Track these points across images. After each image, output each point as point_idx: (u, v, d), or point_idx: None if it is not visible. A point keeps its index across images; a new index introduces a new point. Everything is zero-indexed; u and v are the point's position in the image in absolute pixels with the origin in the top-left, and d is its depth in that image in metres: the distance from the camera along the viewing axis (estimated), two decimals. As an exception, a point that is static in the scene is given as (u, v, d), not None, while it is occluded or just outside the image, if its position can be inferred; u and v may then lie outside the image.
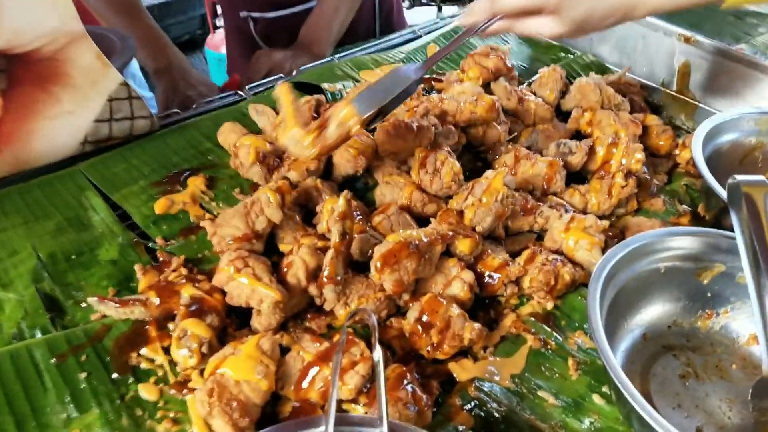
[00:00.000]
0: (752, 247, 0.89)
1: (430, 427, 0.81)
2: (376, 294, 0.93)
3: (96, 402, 0.81)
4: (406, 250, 0.93)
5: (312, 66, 1.51)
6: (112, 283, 0.98)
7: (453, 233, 1.00)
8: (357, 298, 0.93)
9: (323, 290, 0.91)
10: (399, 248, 0.93)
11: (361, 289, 0.94)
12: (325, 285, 0.90)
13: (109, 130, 1.17)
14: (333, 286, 0.90)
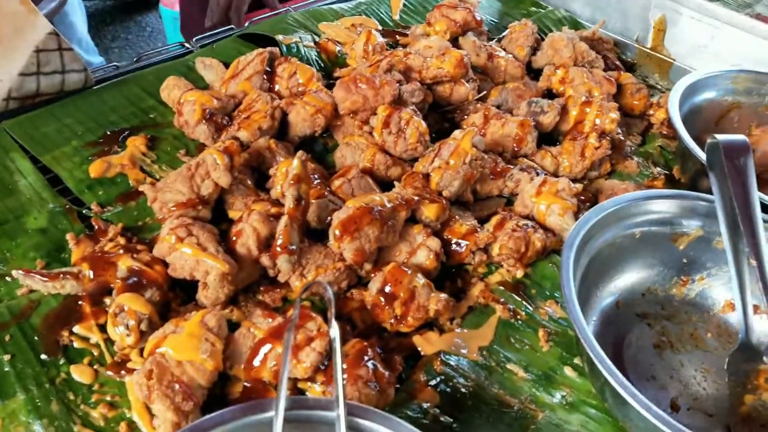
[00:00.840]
0: (731, 211, 0.86)
1: (392, 406, 0.76)
2: (336, 264, 0.87)
3: (21, 387, 0.76)
4: (367, 217, 0.87)
5: (266, 16, 1.40)
6: (40, 255, 0.91)
7: (418, 198, 0.94)
8: (314, 268, 0.87)
9: (277, 261, 0.85)
10: (360, 214, 0.86)
11: (318, 258, 0.88)
12: (279, 255, 0.85)
13: (37, 85, 1.07)
14: (287, 256, 0.84)
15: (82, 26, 2.18)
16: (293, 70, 1.14)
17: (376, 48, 1.24)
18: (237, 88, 1.12)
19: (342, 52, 1.32)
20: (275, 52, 1.19)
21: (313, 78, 1.13)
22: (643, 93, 1.29)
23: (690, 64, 1.41)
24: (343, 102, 1.06)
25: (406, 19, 1.48)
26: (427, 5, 1.50)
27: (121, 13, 4.78)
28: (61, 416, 0.73)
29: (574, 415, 0.79)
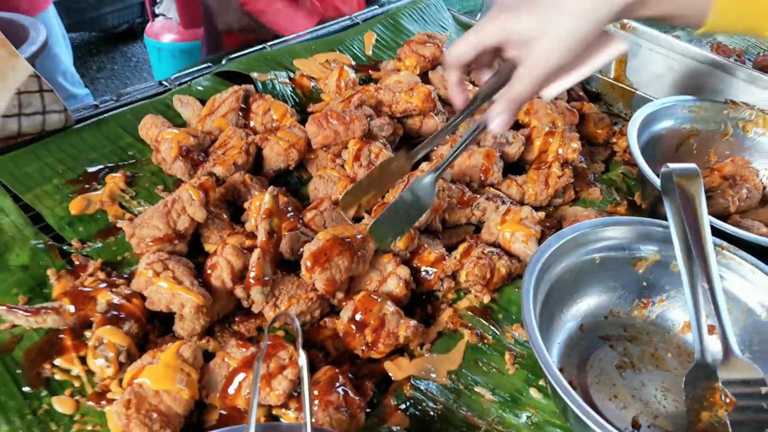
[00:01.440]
0: (684, 236, 0.89)
1: (363, 430, 0.79)
2: (308, 294, 0.90)
3: (5, 419, 0.77)
4: (337, 247, 0.90)
5: (242, 54, 1.45)
6: (22, 291, 0.92)
7: None
8: (287, 298, 0.90)
9: (251, 292, 0.87)
10: (330, 246, 0.90)
11: (291, 289, 0.90)
12: (253, 287, 0.87)
13: (19, 126, 1.09)
14: (261, 288, 0.87)
15: (67, 58, 2.19)
16: (267, 107, 1.18)
17: (348, 83, 1.29)
18: (213, 125, 1.16)
19: (316, 87, 1.36)
20: (250, 89, 1.23)
21: (287, 114, 1.17)
22: (606, 122, 1.34)
23: (651, 93, 1.47)
24: (316, 137, 1.10)
25: (379, 54, 1.53)
26: (399, 41, 1.55)
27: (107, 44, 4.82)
28: (42, 447, 0.74)
29: (540, 435, 0.81)
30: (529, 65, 0.79)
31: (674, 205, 0.91)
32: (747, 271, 0.93)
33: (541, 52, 0.77)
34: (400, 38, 1.55)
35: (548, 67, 0.78)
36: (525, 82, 0.80)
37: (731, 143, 1.29)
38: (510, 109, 0.84)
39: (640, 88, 1.50)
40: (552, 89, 0.83)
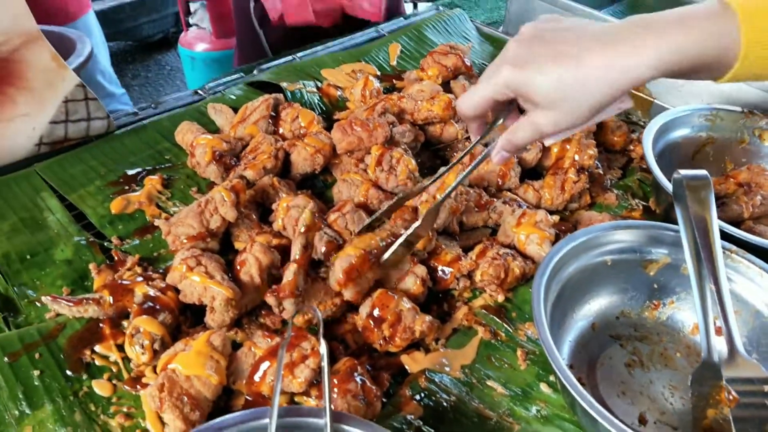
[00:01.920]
0: (694, 239, 0.92)
1: (379, 418, 0.83)
2: (333, 300, 0.95)
3: (49, 399, 0.82)
4: (367, 263, 0.94)
5: (273, 65, 1.52)
6: (66, 283, 0.99)
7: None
8: (316, 304, 0.94)
9: (284, 303, 0.91)
10: (360, 262, 0.94)
11: (319, 296, 0.94)
12: (286, 299, 0.90)
13: (65, 132, 1.18)
14: (294, 300, 0.90)
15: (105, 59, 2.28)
16: (295, 115, 1.24)
17: (372, 92, 1.34)
18: (245, 132, 1.22)
19: (342, 96, 1.42)
20: (280, 98, 1.29)
21: (314, 121, 1.23)
22: (623, 130, 1.37)
23: (669, 102, 1.49)
24: (340, 143, 1.16)
25: (403, 65, 1.58)
26: (423, 51, 1.60)
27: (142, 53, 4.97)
28: (83, 425, 0.79)
29: (549, 428, 0.84)
30: (535, 123, 0.76)
31: (684, 209, 0.94)
32: (755, 275, 0.95)
33: (549, 119, 0.74)
34: (424, 49, 1.60)
35: (552, 130, 0.76)
36: (528, 133, 0.78)
37: (747, 151, 1.31)
38: (510, 150, 0.84)
39: (659, 97, 1.52)
40: (553, 138, 0.81)
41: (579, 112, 0.72)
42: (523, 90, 0.74)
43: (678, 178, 0.97)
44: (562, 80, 0.70)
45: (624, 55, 0.69)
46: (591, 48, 0.70)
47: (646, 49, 0.68)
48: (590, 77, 0.70)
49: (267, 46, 1.90)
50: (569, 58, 0.70)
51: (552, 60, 0.71)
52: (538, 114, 0.75)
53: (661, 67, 0.69)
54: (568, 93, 0.71)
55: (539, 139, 0.80)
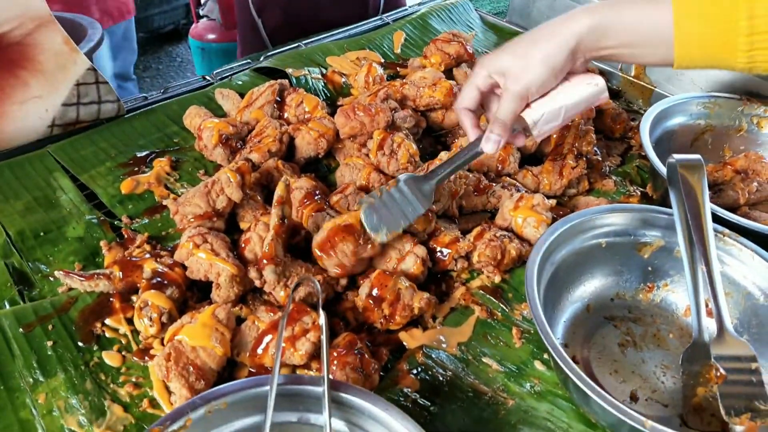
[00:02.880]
0: (687, 222, 0.94)
1: (377, 390, 0.86)
2: (316, 277, 0.96)
3: (61, 368, 0.86)
4: (340, 234, 0.96)
5: (279, 52, 1.54)
6: (78, 259, 1.02)
7: None
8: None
9: (263, 271, 0.93)
10: (333, 234, 0.96)
11: (300, 272, 0.96)
12: (266, 266, 0.92)
13: (77, 114, 1.21)
14: (273, 267, 0.92)
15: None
16: (300, 100, 1.27)
17: (376, 79, 1.37)
18: (250, 116, 1.25)
19: (346, 82, 1.44)
20: (285, 84, 1.32)
21: (318, 106, 1.26)
22: (622, 118, 1.39)
23: (669, 90, 1.51)
24: (343, 127, 1.19)
25: (407, 52, 1.60)
26: (426, 39, 1.62)
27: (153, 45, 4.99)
28: (94, 393, 0.83)
29: (542, 403, 0.87)
30: (507, 88, 0.90)
31: (678, 193, 0.96)
32: (747, 257, 0.97)
33: (512, 75, 0.89)
34: (428, 37, 1.63)
35: (520, 86, 0.89)
36: (505, 102, 0.91)
37: (745, 138, 1.33)
38: (497, 130, 0.93)
39: (659, 85, 1.54)
40: (534, 112, 0.92)
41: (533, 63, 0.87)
42: (494, 66, 0.92)
43: (672, 162, 0.99)
44: (518, 46, 0.90)
45: (562, 19, 0.88)
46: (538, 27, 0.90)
47: (582, 13, 0.86)
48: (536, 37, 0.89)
49: (265, 35, 1.92)
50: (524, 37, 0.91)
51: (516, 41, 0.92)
52: (508, 81, 0.90)
53: (593, 23, 0.85)
54: (524, 52, 0.88)
55: (517, 109, 0.91)
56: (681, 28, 0.79)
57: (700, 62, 0.84)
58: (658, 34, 0.82)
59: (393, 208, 0.98)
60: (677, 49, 0.81)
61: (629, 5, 0.85)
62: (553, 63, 0.87)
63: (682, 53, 0.82)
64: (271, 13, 1.88)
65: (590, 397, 0.76)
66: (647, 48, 0.85)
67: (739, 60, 0.79)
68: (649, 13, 0.83)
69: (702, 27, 0.78)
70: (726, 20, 0.76)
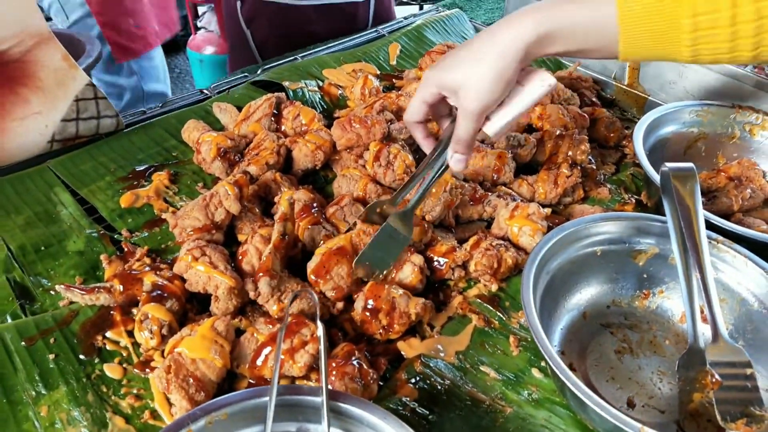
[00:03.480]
0: (680, 229, 0.95)
1: (375, 399, 0.86)
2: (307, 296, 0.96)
3: (63, 380, 0.87)
4: (333, 258, 0.97)
5: (276, 65, 1.56)
6: (79, 273, 1.03)
7: None
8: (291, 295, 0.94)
9: (258, 283, 0.94)
10: (326, 259, 0.97)
11: (295, 288, 0.96)
12: (261, 278, 0.93)
13: (76, 129, 1.22)
14: (268, 279, 0.93)
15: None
16: (297, 113, 1.28)
17: (372, 91, 1.38)
18: (248, 129, 1.26)
19: (343, 95, 1.46)
20: (282, 97, 1.33)
21: (315, 119, 1.27)
22: (616, 126, 1.41)
23: (662, 99, 1.52)
24: (340, 139, 1.20)
25: (403, 64, 1.62)
26: (422, 51, 1.64)
27: (152, 56, 5.01)
28: (95, 405, 0.84)
29: (540, 411, 0.88)
30: (462, 107, 0.89)
31: (671, 201, 0.96)
32: (741, 264, 0.97)
33: (468, 96, 0.87)
34: (423, 49, 1.64)
35: (477, 107, 0.87)
36: (463, 123, 0.90)
37: (738, 146, 1.34)
38: (460, 150, 0.94)
39: (653, 94, 1.55)
40: (494, 124, 0.91)
41: (486, 80, 0.85)
42: (441, 82, 0.90)
43: (665, 171, 1.00)
44: (464, 61, 0.87)
45: (506, 27, 0.85)
46: (481, 37, 0.88)
47: (526, 18, 0.83)
48: (483, 49, 0.86)
49: (255, 47, 1.94)
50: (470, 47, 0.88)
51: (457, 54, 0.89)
52: (461, 99, 0.88)
53: (539, 30, 0.82)
54: (472, 68, 0.86)
55: (477, 126, 0.90)
56: (626, 26, 0.79)
57: (644, 57, 0.85)
58: (603, 33, 0.81)
59: (381, 249, 1.00)
60: (622, 46, 0.81)
61: (573, 6, 0.83)
62: (506, 78, 0.86)
63: (627, 49, 0.82)
64: (260, 25, 1.90)
65: (587, 404, 0.77)
66: (593, 46, 0.84)
67: (683, 54, 0.80)
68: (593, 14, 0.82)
69: (646, 24, 0.78)
70: (669, 18, 0.77)
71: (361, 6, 1.92)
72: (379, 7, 1.98)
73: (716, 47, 0.77)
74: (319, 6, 1.83)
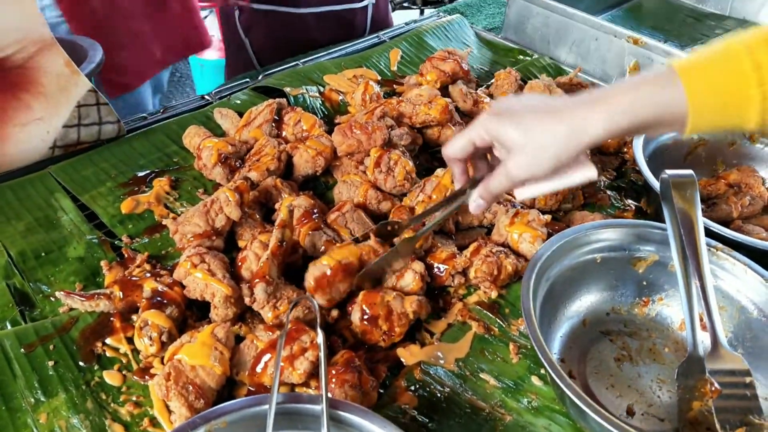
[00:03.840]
0: (680, 237, 0.95)
1: (375, 407, 0.87)
2: (306, 303, 0.96)
3: (63, 388, 0.87)
4: (340, 275, 0.97)
5: (278, 70, 1.56)
6: (79, 279, 1.03)
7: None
8: (287, 303, 0.95)
9: (254, 289, 0.93)
10: (333, 273, 0.96)
11: (292, 296, 0.96)
12: (257, 284, 0.93)
13: (78, 135, 1.23)
14: (264, 285, 0.93)
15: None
16: (298, 118, 1.29)
17: (373, 97, 1.38)
18: (249, 135, 1.27)
19: (344, 100, 1.46)
20: (283, 103, 1.33)
21: (316, 125, 1.28)
22: (617, 133, 1.41)
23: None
24: (341, 145, 1.20)
25: (403, 70, 1.62)
26: (422, 57, 1.64)
27: (153, 61, 5.01)
28: (94, 412, 0.84)
29: (539, 419, 0.88)
30: (507, 169, 0.86)
31: (671, 208, 0.97)
32: (740, 272, 0.98)
33: (518, 163, 0.84)
34: (424, 54, 1.64)
35: (522, 177, 0.86)
36: (501, 181, 0.88)
37: (738, 153, 1.35)
38: (486, 198, 0.92)
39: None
40: (525, 192, 0.90)
41: (543, 158, 0.83)
42: (498, 134, 0.85)
43: (665, 178, 1.00)
44: (529, 128, 0.83)
45: (580, 115, 0.81)
46: (553, 110, 0.83)
47: (599, 112, 0.80)
48: (552, 129, 0.82)
49: (252, 54, 1.94)
50: (536, 114, 0.84)
51: (523, 113, 0.84)
52: (509, 160, 0.85)
53: (611, 127, 0.80)
54: (535, 139, 0.82)
55: (511, 187, 0.89)
56: (695, 105, 0.77)
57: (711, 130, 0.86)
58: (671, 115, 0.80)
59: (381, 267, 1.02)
60: (691, 123, 0.79)
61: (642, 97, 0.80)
62: (560, 163, 0.83)
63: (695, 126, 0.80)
64: (258, 32, 1.91)
65: (587, 412, 0.77)
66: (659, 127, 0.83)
67: (751, 125, 0.79)
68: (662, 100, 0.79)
69: (714, 99, 0.77)
70: (737, 90, 0.76)
71: (359, 13, 1.93)
72: (377, 14, 1.99)
73: None
74: (317, 13, 1.84)
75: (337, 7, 1.86)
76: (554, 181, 0.88)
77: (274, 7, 1.84)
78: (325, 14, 1.85)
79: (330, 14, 1.85)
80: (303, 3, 1.82)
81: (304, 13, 1.82)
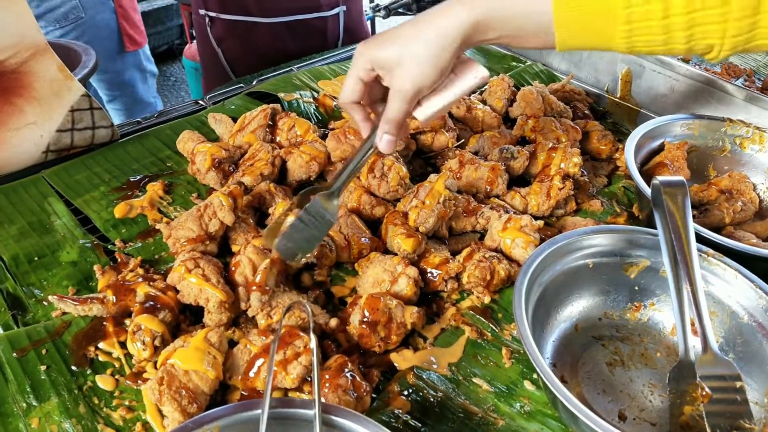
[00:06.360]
0: (671, 243, 0.95)
1: (368, 412, 0.87)
2: (300, 313, 0.96)
3: (55, 392, 0.87)
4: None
5: (272, 76, 1.57)
6: (72, 283, 1.03)
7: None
8: (281, 311, 0.94)
9: (250, 296, 0.94)
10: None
11: (287, 304, 0.95)
12: (253, 292, 0.93)
13: (71, 140, 1.23)
14: (260, 294, 0.93)
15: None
16: (292, 124, 1.29)
17: (366, 102, 1.39)
18: (243, 140, 1.27)
19: (338, 106, 1.47)
20: (277, 108, 1.34)
21: (310, 130, 1.28)
22: (609, 139, 1.42)
23: (654, 112, 1.54)
24: (335, 151, 1.21)
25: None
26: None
27: (148, 64, 5.02)
28: (87, 417, 0.84)
29: (532, 423, 0.88)
30: (395, 87, 0.87)
31: (662, 214, 0.97)
32: (731, 277, 0.98)
33: (403, 75, 0.85)
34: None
35: (411, 88, 0.86)
36: (394, 102, 0.88)
37: (729, 159, 1.35)
38: (390, 130, 0.91)
39: (645, 107, 1.57)
40: (425, 109, 0.90)
41: (422, 65, 0.84)
42: (376, 57, 0.87)
43: (656, 184, 1.01)
44: (401, 42, 0.85)
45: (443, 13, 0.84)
46: (419, 20, 0.86)
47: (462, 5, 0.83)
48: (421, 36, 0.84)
49: (226, 64, 1.94)
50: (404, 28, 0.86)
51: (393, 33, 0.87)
52: (395, 78, 0.87)
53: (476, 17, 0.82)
54: (409, 49, 0.84)
55: (407, 109, 0.89)
56: (560, 18, 0.80)
57: (581, 46, 0.84)
58: (539, 23, 0.82)
59: (305, 231, 0.93)
60: (558, 36, 0.82)
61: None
62: (441, 65, 0.84)
63: (563, 40, 0.82)
64: (230, 44, 1.92)
65: (579, 417, 0.77)
66: (529, 36, 0.85)
67: (618, 45, 0.80)
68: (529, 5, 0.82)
69: (580, 15, 0.79)
70: (604, 10, 0.78)
71: (330, 21, 1.94)
72: (349, 22, 2.00)
73: (651, 39, 0.78)
74: (286, 23, 1.85)
75: (307, 15, 1.87)
76: (447, 91, 0.89)
77: (243, 17, 1.86)
78: (295, 23, 1.86)
79: (299, 23, 1.87)
80: (271, 12, 1.84)
81: (274, 23, 1.84)
